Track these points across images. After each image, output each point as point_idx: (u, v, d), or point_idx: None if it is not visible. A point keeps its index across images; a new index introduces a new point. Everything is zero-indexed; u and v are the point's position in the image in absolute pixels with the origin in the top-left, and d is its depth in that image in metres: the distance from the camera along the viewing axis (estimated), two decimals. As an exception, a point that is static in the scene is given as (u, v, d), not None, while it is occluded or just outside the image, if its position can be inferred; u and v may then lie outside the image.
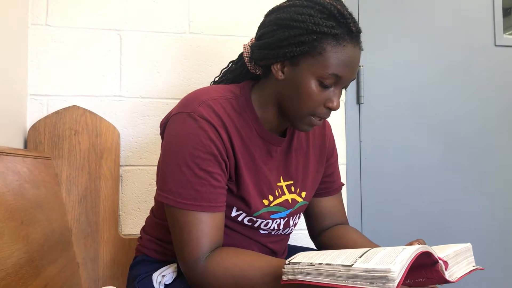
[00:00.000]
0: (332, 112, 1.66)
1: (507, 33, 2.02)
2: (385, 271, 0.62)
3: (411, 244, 0.94)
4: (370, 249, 0.72)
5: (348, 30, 0.91)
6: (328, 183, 1.23)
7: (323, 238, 1.22)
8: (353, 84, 1.81)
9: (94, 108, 1.50)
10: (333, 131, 1.27)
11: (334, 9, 0.91)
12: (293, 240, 1.69)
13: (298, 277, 0.72)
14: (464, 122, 1.93)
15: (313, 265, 0.71)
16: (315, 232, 1.25)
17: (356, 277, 0.65)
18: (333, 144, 1.25)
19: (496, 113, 1.96)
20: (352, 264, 0.66)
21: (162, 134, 1.02)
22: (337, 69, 0.91)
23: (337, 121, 1.77)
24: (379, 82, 1.85)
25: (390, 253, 0.67)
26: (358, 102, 1.81)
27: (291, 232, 1.18)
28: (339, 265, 0.68)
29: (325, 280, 0.69)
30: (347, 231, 1.20)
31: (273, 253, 1.11)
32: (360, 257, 0.68)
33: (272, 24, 0.97)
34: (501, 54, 1.97)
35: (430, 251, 0.69)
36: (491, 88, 1.96)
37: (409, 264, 0.64)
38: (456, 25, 1.93)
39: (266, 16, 1.01)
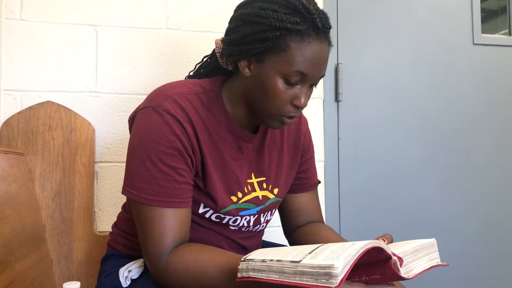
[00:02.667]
0: (311, 110, 1.66)
1: (500, 33, 2.04)
2: (329, 267, 0.61)
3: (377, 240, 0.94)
4: (321, 245, 0.72)
5: (313, 26, 0.90)
6: (303, 180, 1.22)
7: (296, 236, 1.21)
8: (331, 82, 1.82)
9: (69, 104, 1.48)
10: (311, 128, 1.26)
11: (299, 4, 0.89)
12: (271, 238, 1.69)
13: (251, 274, 0.72)
14: (443, 120, 1.93)
15: (265, 261, 0.70)
16: (289, 229, 1.25)
17: (302, 273, 0.65)
18: (309, 140, 1.24)
19: (474, 111, 1.97)
20: (300, 260, 0.66)
21: (130, 128, 1.01)
22: (302, 66, 0.90)
23: (315, 118, 1.77)
24: (357, 79, 1.85)
25: (338, 248, 0.66)
26: (337, 99, 1.81)
27: (263, 229, 1.18)
28: (288, 261, 0.67)
29: (274, 277, 0.68)
30: (321, 229, 1.19)
31: (244, 249, 1.11)
32: (310, 253, 0.68)
33: (237, 19, 0.96)
34: (479, 53, 1.98)
35: (381, 246, 0.68)
36: (469, 86, 1.97)
37: (355, 260, 0.63)
38: (435, 23, 1.94)
39: (235, 11, 1.00)
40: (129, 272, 0.99)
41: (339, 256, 0.63)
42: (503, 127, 2.00)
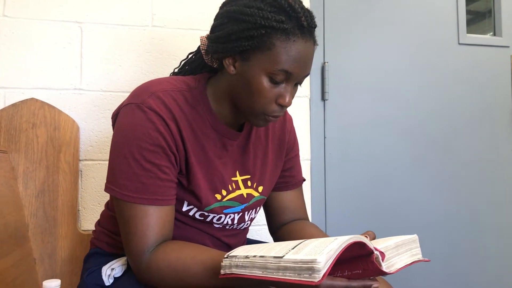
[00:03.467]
0: (297, 109, 1.67)
1: (489, 34, 2.07)
2: (311, 261, 0.62)
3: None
4: (304, 241, 0.72)
5: (299, 24, 0.90)
6: (287, 177, 1.22)
7: (281, 233, 1.21)
8: (318, 81, 1.82)
9: (53, 101, 1.47)
10: (298, 127, 1.27)
11: (284, 3, 0.89)
12: (256, 236, 1.69)
13: (234, 270, 0.72)
14: (429, 119, 1.95)
15: (248, 257, 0.70)
16: (274, 227, 1.25)
17: (285, 268, 0.65)
18: (293, 138, 1.24)
19: (460, 110, 1.99)
20: (283, 256, 0.66)
21: (113, 125, 1.00)
22: (287, 65, 0.90)
23: (302, 117, 1.77)
24: (344, 78, 1.85)
25: (321, 243, 0.67)
26: (323, 98, 1.82)
27: (247, 227, 1.18)
28: (271, 257, 0.67)
29: (258, 273, 0.68)
30: (305, 226, 1.19)
31: (228, 247, 1.11)
32: (293, 248, 0.68)
33: (223, 17, 0.96)
34: (464, 53, 2.00)
35: (363, 241, 0.68)
36: (455, 86, 1.99)
37: (337, 254, 0.64)
38: (421, 23, 1.95)
39: (220, 8, 1.00)
40: (112, 270, 0.99)
41: (322, 251, 0.63)
42: (487, 126, 2.02)
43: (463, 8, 1.99)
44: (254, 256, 0.70)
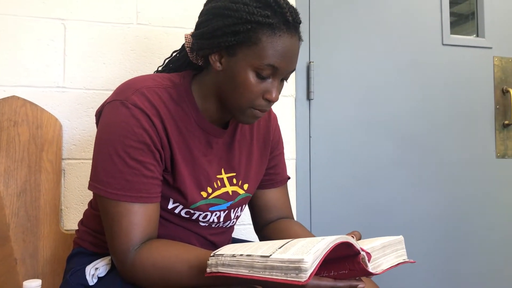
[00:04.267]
0: (283, 108, 1.67)
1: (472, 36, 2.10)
2: (298, 261, 0.62)
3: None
4: (291, 240, 0.72)
5: (284, 20, 0.90)
6: (272, 175, 1.23)
7: (266, 232, 1.21)
8: (303, 80, 1.82)
9: (36, 99, 1.44)
10: (283, 126, 1.27)
11: None
12: (241, 235, 1.68)
13: (221, 269, 0.71)
14: (412, 119, 1.96)
15: (235, 256, 0.70)
16: (259, 226, 1.25)
17: (272, 268, 0.65)
18: (278, 136, 1.24)
19: (443, 110, 2.01)
20: (270, 255, 0.66)
21: (97, 123, 0.99)
22: (273, 60, 0.90)
23: (287, 116, 1.77)
24: (329, 78, 1.86)
25: (308, 243, 0.66)
26: (308, 98, 1.82)
27: (233, 225, 1.17)
28: (258, 256, 0.67)
29: (244, 272, 0.68)
30: (291, 225, 1.19)
31: (214, 245, 1.10)
32: (280, 247, 0.68)
33: (208, 13, 0.95)
34: (448, 53, 2.02)
35: (350, 241, 0.68)
36: (438, 86, 2.00)
37: (324, 254, 0.64)
38: (406, 23, 1.97)
39: (205, 4, 1.00)
40: (96, 269, 0.98)
41: (309, 251, 0.63)
42: (470, 125, 2.04)
43: (447, 9, 2.01)
44: (241, 255, 0.69)
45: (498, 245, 2.06)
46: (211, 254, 0.75)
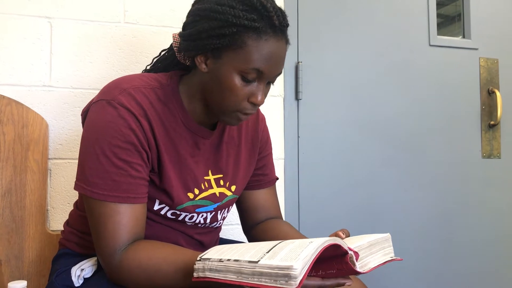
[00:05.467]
0: (271, 108, 1.67)
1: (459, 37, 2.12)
2: (287, 268, 0.61)
3: (335, 234, 0.95)
4: (279, 243, 0.71)
5: (271, 23, 0.90)
6: (260, 176, 1.22)
7: (255, 232, 1.21)
8: (291, 80, 1.82)
9: (22, 98, 1.43)
10: (271, 126, 1.26)
11: (256, 2, 0.89)
12: (230, 236, 1.68)
13: (208, 274, 0.70)
14: (399, 119, 1.97)
15: (222, 261, 0.69)
16: (247, 226, 1.25)
17: (261, 274, 0.64)
18: (266, 137, 1.24)
19: (429, 111, 2.02)
20: (258, 261, 0.65)
21: (83, 123, 0.98)
22: (258, 64, 0.90)
23: (275, 116, 1.77)
24: (317, 78, 1.86)
25: (296, 247, 0.66)
26: (297, 98, 1.82)
27: (220, 226, 1.17)
28: (246, 261, 0.66)
29: (232, 277, 0.67)
30: (279, 225, 1.19)
31: (201, 244, 1.10)
32: (268, 252, 0.67)
33: (194, 14, 0.95)
34: (435, 54, 2.03)
35: (338, 243, 0.68)
36: (425, 86, 2.02)
37: (313, 259, 0.63)
38: (393, 24, 1.98)
39: (192, 5, 0.99)
40: (81, 270, 0.97)
41: (298, 257, 0.62)
42: (457, 126, 2.06)
43: (434, 11, 2.02)
44: (228, 259, 0.68)
45: (484, 244, 2.07)
46: (198, 258, 0.74)
